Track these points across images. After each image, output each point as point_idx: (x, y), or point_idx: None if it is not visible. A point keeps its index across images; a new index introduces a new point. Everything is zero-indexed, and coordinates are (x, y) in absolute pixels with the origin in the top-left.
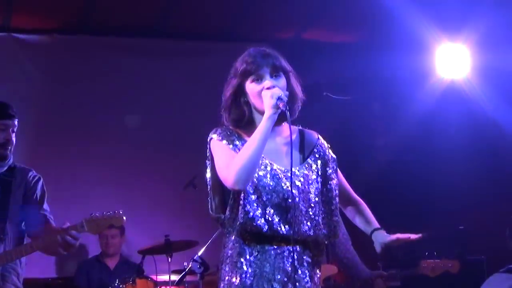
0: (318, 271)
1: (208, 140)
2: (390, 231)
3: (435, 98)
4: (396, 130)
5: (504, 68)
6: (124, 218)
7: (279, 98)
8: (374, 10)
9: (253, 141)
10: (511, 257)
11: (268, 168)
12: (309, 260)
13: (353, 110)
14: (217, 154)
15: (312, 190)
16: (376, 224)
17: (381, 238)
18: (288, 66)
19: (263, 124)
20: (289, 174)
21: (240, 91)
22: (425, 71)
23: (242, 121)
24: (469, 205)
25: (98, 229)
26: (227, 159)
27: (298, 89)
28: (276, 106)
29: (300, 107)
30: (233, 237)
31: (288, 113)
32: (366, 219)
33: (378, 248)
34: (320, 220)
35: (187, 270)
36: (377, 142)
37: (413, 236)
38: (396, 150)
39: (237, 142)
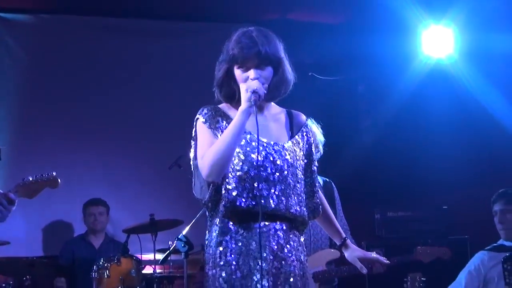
0: (303, 249)
1: (195, 119)
2: (375, 210)
3: (420, 79)
4: (382, 111)
5: (489, 49)
6: (59, 180)
7: (253, 92)
8: None
9: (227, 135)
10: (494, 236)
11: (255, 144)
12: (295, 238)
13: (338, 91)
14: (199, 139)
15: (299, 167)
16: (342, 233)
17: (351, 257)
18: (278, 52)
19: (237, 118)
20: (278, 148)
21: (229, 75)
22: (411, 52)
23: (233, 99)
24: (453, 185)
25: (32, 193)
26: (204, 148)
27: (287, 75)
28: (250, 100)
29: (288, 89)
30: (217, 219)
31: (255, 109)
32: (335, 227)
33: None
34: (304, 197)
35: (171, 249)
36: (363, 123)
37: (377, 264)
38: (382, 131)
39: (222, 123)
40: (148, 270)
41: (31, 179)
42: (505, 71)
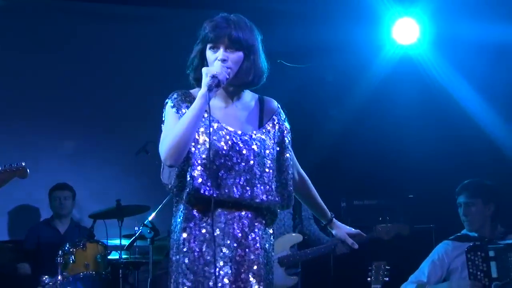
0: (269, 238)
1: (165, 103)
2: (341, 198)
3: (389, 68)
4: (350, 99)
5: (457, 38)
6: (28, 170)
7: (212, 76)
8: None
9: (184, 119)
10: (459, 226)
11: (223, 133)
12: (261, 226)
13: (307, 79)
14: (164, 123)
15: (268, 156)
16: (327, 211)
17: (341, 234)
18: (250, 38)
19: (195, 102)
20: (246, 138)
21: (202, 56)
22: (380, 41)
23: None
24: (419, 175)
25: (1, 182)
26: (168, 131)
27: (259, 63)
28: (208, 85)
29: (262, 79)
30: (181, 206)
31: (208, 94)
32: (320, 206)
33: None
34: (273, 187)
35: (137, 234)
36: (331, 112)
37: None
38: (350, 120)
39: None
40: (113, 255)
41: (0, 169)
42: (471, 59)
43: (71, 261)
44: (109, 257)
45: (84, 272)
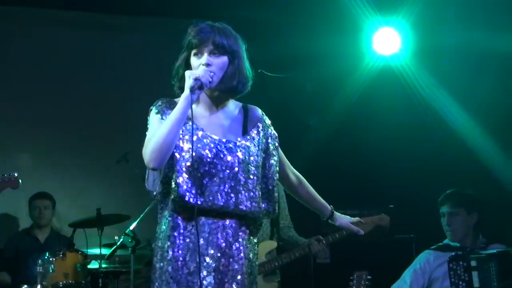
0: (253, 248)
1: (149, 111)
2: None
3: (370, 79)
4: (330, 110)
5: (437, 48)
6: (20, 181)
7: (195, 79)
8: None
9: (167, 122)
10: (440, 236)
11: (207, 141)
12: (245, 236)
13: (287, 89)
14: (149, 128)
15: (252, 163)
16: (327, 205)
17: (345, 223)
18: (234, 45)
19: (179, 104)
20: (230, 145)
21: (187, 64)
22: (361, 52)
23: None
24: (400, 184)
25: None
26: (149, 137)
27: (243, 69)
28: (191, 87)
29: (246, 86)
30: (166, 212)
31: (191, 96)
32: (319, 203)
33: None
34: (257, 194)
35: (118, 243)
36: (311, 121)
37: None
38: (331, 130)
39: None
40: (93, 265)
41: None
42: (452, 69)
43: (51, 271)
44: (89, 266)
45: (64, 282)
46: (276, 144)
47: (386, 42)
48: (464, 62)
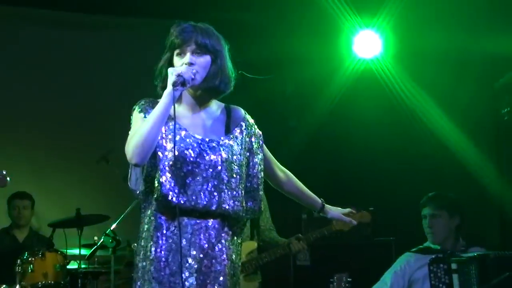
0: (236, 249)
1: (132, 110)
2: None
3: (350, 81)
4: (311, 112)
5: (418, 51)
6: (8, 178)
7: (178, 75)
8: None
9: (149, 118)
10: (419, 239)
11: (190, 140)
12: (227, 237)
13: (269, 91)
14: (132, 126)
15: (236, 161)
16: (317, 199)
17: (336, 215)
18: (217, 45)
19: (161, 100)
20: (213, 145)
21: (170, 64)
22: (341, 54)
23: None
24: (380, 187)
25: None
26: (132, 133)
27: (226, 69)
28: (174, 83)
29: (229, 86)
30: (149, 211)
31: (174, 93)
32: (309, 197)
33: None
34: (240, 193)
35: (98, 244)
36: (291, 123)
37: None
38: (311, 133)
39: None
40: (72, 265)
41: None
42: (433, 72)
43: (30, 270)
44: (68, 266)
45: (43, 282)
46: (261, 142)
47: (367, 45)
48: (446, 65)
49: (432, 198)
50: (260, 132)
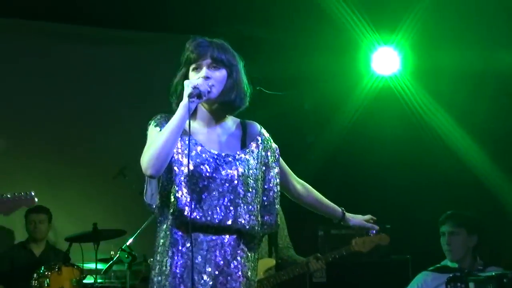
0: (252, 266)
1: (148, 125)
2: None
3: (369, 99)
4: (329, 129)
5: (436, 68)
6: (36, 199)
7: (194, 87)
8: (312, 10)
9: (165, 129)
10: (436, 257)
11: (206, 155)
12: (243, 254)
13: (286, 107)
14: (148, 140)
15: (252, 176)
16: (337, 208)
17: (359, 222)
18: (232, 59)
19: (177, 112)
20: (230, 159)
21: (185, 79)
22: (360, 71)
23: None
24: (397, 205)
25: (8, 210)
26: (147, 146)
27: (241, 82)
28: (190, 95)
29: (244, 101)
30: (164, 226)
31: (190, 105)
32: (329, 208)
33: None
34: (256, 207)
35: (115, 259)
36: (308, 139)
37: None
38: (329, 149)
39: None
40: (89, 279)
41: (9, 196)
42: (450, 89)
43: (46, 285)
44: (84, 281)
45: None
46: (277, 156)
47: (385, 62)
48: (464, 82)
49: (451, 216)
50: (276, 146)
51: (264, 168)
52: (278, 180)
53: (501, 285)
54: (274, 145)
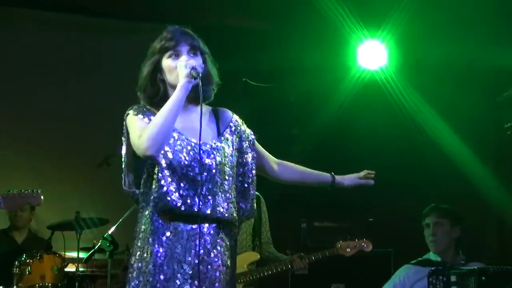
0: (231, 254)
1: (125, 116)
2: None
3: (354, 92)
4: (313, 121)
5: (421, 62)
6: (42, 197)
7: (193, 68)
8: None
9: (165, 108)
10: (418, 251)
11: (184, 143)
12: (223, 243)
13: (271, 99)
14: (132, 127)
15: (228, 163)
16: (326, 174)
17: (352, 181)
18: (205, 48)
19: (176, 93)
20: (207, 148)
21: (157, 68)
22: (346, 65)
23: (157, 98)
24: (380, 198)
25: (14, 206)
26: (140, 129)
27: (213, 72)
28: (190, 75)
29: (215, 91)
30: (146, 212)
31: (200, 82)
32: (316, 177)
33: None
34: (233, 195)
35: (96, 247)
36: (293, 131)
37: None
38: (314, 142)
39: (153, 115)
40: (70, 268)
41: (15, 192)
42: (435, 84)
43: (27, 272)
44: (66, 269)
45: (40, 284)
46: (252, 141)
47: (372, 56)
48: (449, 77)
49: (435, 207)
50: (250, 130)
51: (238, 154)
52: (254, 166)
53: (483, 279)
54: (248, 130)
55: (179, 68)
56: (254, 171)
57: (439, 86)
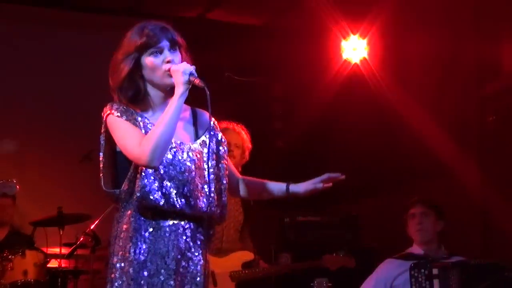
0: (207, 250)
1: (104, 116)
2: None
3: (338, 84)
4: (297, 115)
5: (403, 55)
6: (18, 187)
7: (191, 74)
8: None
9: (166, 118)
10: (401, 245)
11: None
12: (202, 238)
13: (254, 93)
14: (120, 131)
15: (206, 167)
16: (281, 186)
17: (308, 187)
18: (182, 41)
19: (175, 102)
20: (185, 149)
21: (136, 66)
22: (328, 58)
23: (138, 96)
24: (364, 193)
25: None
26: (136, 137)
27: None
28: (188, 82)
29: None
30: (129, 212)
31: (206, 88)
32: (272, 189)
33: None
34: (215, 198)
35: (78, 243)
36: (276, 125)
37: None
38: (297, 135)
39: (138, 118)
40: (53, 264)
41: None
42: (418, 77)
43: (9, 268)
44: (48, 265)
45: (23, 280)
46: (226, 149)
47: (355, 49)
48: (431, 71)
49: (421, 199)
50: (225, 138)
51: (215, 158)
52: (227, 172)
53: (464, 272)
54: (223, 137)
55: (174, 74)
56: (227, 178)
57: (421, 79)
